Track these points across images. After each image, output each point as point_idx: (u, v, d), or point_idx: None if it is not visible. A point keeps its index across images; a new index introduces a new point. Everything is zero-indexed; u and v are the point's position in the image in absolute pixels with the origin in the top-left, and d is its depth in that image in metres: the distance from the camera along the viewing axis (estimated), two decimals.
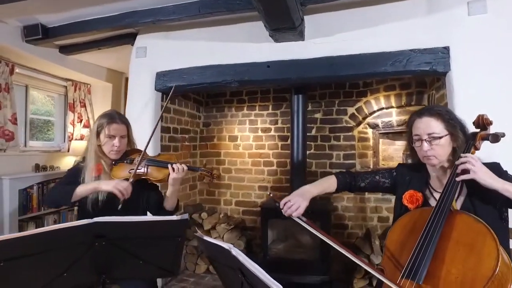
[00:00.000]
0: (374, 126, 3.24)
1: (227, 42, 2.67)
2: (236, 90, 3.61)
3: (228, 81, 2.63)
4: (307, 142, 3.25)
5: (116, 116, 1.76)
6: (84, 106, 4.15)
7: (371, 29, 2.35)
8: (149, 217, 1.38)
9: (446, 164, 1.39)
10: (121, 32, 3.00)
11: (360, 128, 3.28)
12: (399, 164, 1.63)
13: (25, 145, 3.53)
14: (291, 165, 2.95)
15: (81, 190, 1.61)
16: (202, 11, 2.37)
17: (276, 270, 2.83)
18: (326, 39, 2.43)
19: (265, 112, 3.51)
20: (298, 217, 1.39)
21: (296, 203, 1.40)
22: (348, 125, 3.23)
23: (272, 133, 3.46)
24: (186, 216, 1.17)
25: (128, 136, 1.83)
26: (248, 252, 3.23)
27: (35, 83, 3.65)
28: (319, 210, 2.80)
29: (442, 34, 2.20)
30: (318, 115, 3.33)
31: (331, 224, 3.12)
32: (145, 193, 1.80)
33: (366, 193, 3.07)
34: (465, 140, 1.37)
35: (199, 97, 3.65)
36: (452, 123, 1.34)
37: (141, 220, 1.18)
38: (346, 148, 3.22)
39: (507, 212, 1.31)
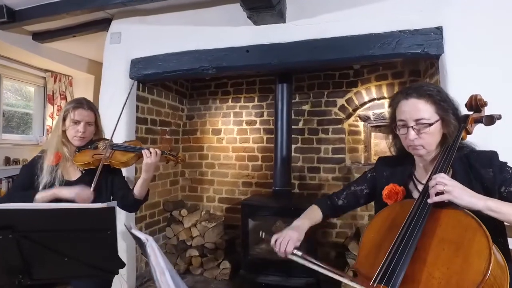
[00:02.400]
0: (365, 119, 3.05)
1: (204, 26, 2.48)
2: (221, 81, 3.44)
3: (205, 68, 2.45)
4: (294, 136, 3.07)
5: (83, 102, 1.71)
6: (65, 98, 3.96)
7: (357, 9, 2.15)
8: (68, 204, 1.19)
9: (434, 153, 1.20)
10: (96, 17, 2.84)
11: (351, 120, 3.08)
12: (379, 158, 1.42)
13: None
14: (274, 159, 2.75)
15: (40, 198, 1.50)
16: None
17: (258, 272, 2.66)
18: (308, 20, 2.24)
19: (250, 104, 3.32)
20: (292, 253, 1.18)
21: (286, 237, 1.21)
22: (338, 117, 3.03)
23: (257, 125, 3.27)
24: (113, 203, 0.98)
25: (96, 124, 1.76)
26: (231, 252, 3.04)
27: (9, 73, 3.47)
28: (305, 207, 2.60)
29: (434, 13, 2.01)
30: (306, 107, 3.13)
31: (319, 223, 2.92)
32: (109, 180, 1.71)
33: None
34: (457, 125, 1.15)
35: (182, 89, 3.47)
36: (444, 106, 1.12)
37: (56, 208, 0.99)
38: (335, 141, 3.02)
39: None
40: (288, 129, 2.74)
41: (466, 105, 1.30)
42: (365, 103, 2.98)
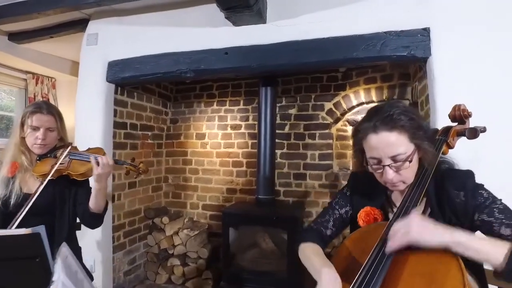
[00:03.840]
0: (354, 123, 2.93)
1: (183, 27, 2.37)
2: (206, 84, 3.32)
3: (183, 71, 2.33)
4: (280, 141, 2.97)
5: (43, 106, 1.55)
6: (48, 101, 3.85)
7: (341, 9, 2.04)
8: None
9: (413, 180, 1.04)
10: (73, 17, 2.72)
11: (339, 125, 2.97)
12: (352, 174, 1.26)
13: None
14: (257, 166, 2.64)
15: None
16: None
17: (240, 284, 2.55)
18: (290, 21, 2.12)
19: (235, 108, 3.20)
20: None
21: None
22: (325, 121, 2.92)
23: (243, 130, 3.15)
24: (39, 229, 0.86)
25: (59, 129, 1.60)
26: (214, 260, 2.92)
27: None
28: (289, 216, 2.49)
29: (422, 13, 1.89)
30: (292, 111, 3.02)
31: None
32: (72, 191, 1.58)
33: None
34: (434, 151, 1.01)
35: (166, 92, 3.35)
36: (418, 133, 0.96)
37: None
38: (322, 147, 2.90)
39: None
40: (272, 135, 2.63)
41: (449, 115, 1.19)
42: (353, 107, 2.86)
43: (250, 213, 2.55)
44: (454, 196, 0.96)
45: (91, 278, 1.72)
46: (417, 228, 0.83)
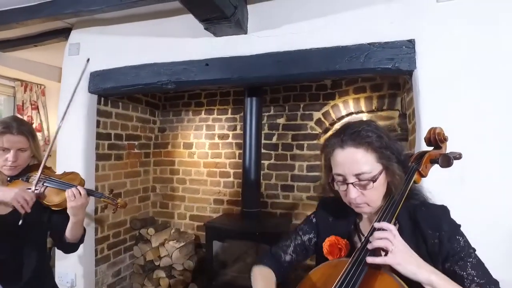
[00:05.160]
0: None
1: (164, 37, 2.31)
2: (195, 92, 3.26)
3: (164, 82, 2.27)
4: (267, 151, 2.90)
5: (13, 125, 1.45)
6: (37, 108, 3.82)
7: (324, 20, 1.96)
8: None
9: (380, 203, 1.01)
10: (56, 26, 2.68)
11: (328, 135, 2.89)
12: (321, 200, 1.20)
13: None
14: (243, 178, 2.57)
15: None
16: (123, 1, 2.00)
17: None
18: (271, 31, 2.05)
19: (223, 117, 3.14)
20: None
21: None
22: (314, 131, 2.85)
23: (230, 140, 3.09)
24: None
25: (32, 148, 1.52)
26: (200, 273, 2.86)
27: None
28: (276, 231, 2.42)
29: (406, 24, 1.81)
30: (281, 120, 2.95)
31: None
32: (45, 217, 1.51)
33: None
34: (403, 175, 0.96)
35: (154, 100, 3.30)
36: (386, 154, 0.92)
37: None
38: (310, 158, 2.83)
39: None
40: (257, 147, 2.57)
41: (424, 139, 1.12)
42: (342, 117, 2.79)
43: (233, 227, 2.49)
44: (429, 237, 0.90)
45: None
46: (404, 255, 0.81)
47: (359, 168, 0.91)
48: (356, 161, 0.91)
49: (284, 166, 2.88)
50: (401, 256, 0.80)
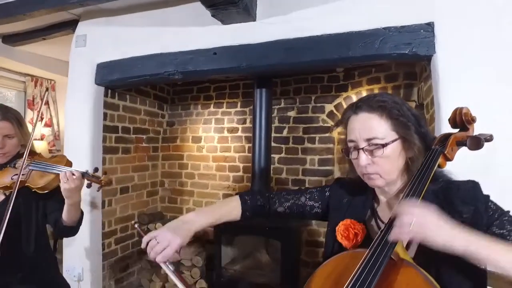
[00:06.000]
0: None
1: (171, 26, 2.25)
2: (204, 85, 3.20)
3: (170, 72, 2.22)
4: (278, 145, 2.82)
5: None
6: (47, 103, 3.83)
7: (336, 4, 1.87)
8: None
9: (399, 183, 0.93)
10: (63, 18, 2.66)
11: (341, 128, 2.78)
12: (337, 179, 1.15)
13: None
14: (252, 172, 2.50)
15: None
16: None
17: None
18: (281, 18, 1.97)
19: (233, 110, 3.07)
20: (165, 263, 0.98)
21: (162, 242, 0.95)
22: (325, 124, 2.75)
23: (239, 133, 3.01)
24: None
25: (19, 136, 1.50)
26: (208, 269, 2.80)
27: None
28: (286, 227, 2.34)
29: (425, 6, 1.71)
30: (291, 113, 2.86)
31: (303, 241, 2.65)
32: (41, 202, 1.49)
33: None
34: (424, 146, 0.89)
35: (163, 94, 3.26)
36: (404, 122, 0.87)
37: None
38: (321, 152, 2.73)
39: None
40: (267, 139, 2.49)
41: (449, 120, 1.02)
42: None
43: (242, 222, 2.40)
44: (462, 211, 0.82)
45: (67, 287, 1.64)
46: (434, 227, 0.71)
47: (371, 133, 0.86)
48: (368, 126, 0.87)
49: (295, 160, 2.79)
50: (429, 227, 0.71)
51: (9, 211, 1.28)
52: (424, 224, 0.71)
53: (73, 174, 1.35)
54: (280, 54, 1.95)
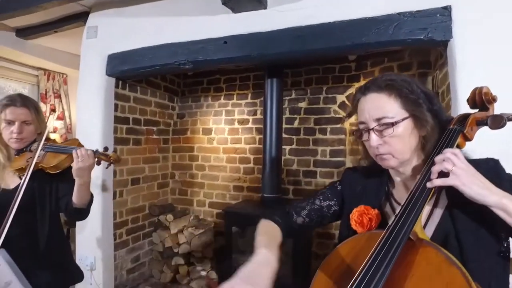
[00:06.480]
0: None
1: (180, 16, 2.24)
2: (214, 77, 3.19)
3: (181, 62, 2.21)
4: (289, 136, 2.80)
5: (17, 99, 1.48)
6: (59, 97, 3.87)
7: None
8: None
9: (414, 163, 0.90)
10: (74, 10, 2.67)
11: (353, 119, 2.73)
12: (347, 169, 1.12)
13: None
14: (263, 163, 2.48)
15: None
16: None
17: None
18: (292, 5, 1.94)
19: (243, 102, 3.06)
20: None
21: None
22: (337, 115, 2.71)
23: (250, 125, 3.00)
24: None
25: (36, 123, 1.53)
26: (219, 262, 2.80)
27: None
28: None
29: None
30: (302, 104, 2.83)
31: (314, 233, 2.63)
32: (53, 185, 1.52)
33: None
34: (437, 124, 0.87)
35: (173, 86, 3.26)
36: (414, 99, 0.85)
37: None
38: (333, 143, 2.70)
39: (509, 242, 0.80)
40: (278, 130, 2.47)
41: (468, 100, 0.98)
42: None
43: (253, 213, 2.40)
44: None
45: (81, 276, 1.65)
46: (469, 177, 0.73)
47: (380, 113, 0.84)
48: (377, 105, 0.85)
49: (306, 151, 2.76)
50: (466, 176, 0.72)
51: (23, 188, 1.31)
52: (462, 171, 0.73)
53: (85, 152, 1.39)
54: (291, 42, 1.92)
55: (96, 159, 1.46)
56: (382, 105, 0.85)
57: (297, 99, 2.85)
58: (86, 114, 2.51)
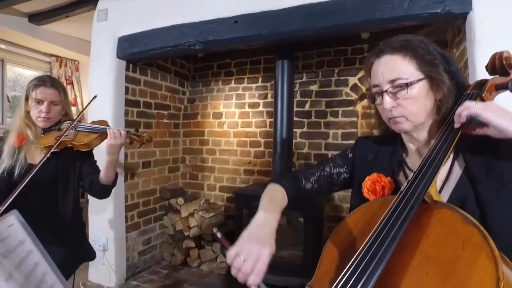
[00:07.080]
0: None
1: None
2: (224, 61, 3.17)
3: (191, 43, 2.20)
4: (300, 119, 2.77)
5: (46, 80, 1.58)
6: (71, 83, 3.91)
7: None
8: None
9: (429, 127, 0.87)
10: None
11: (365, 102, 2.69)
12: (360, 138, 1.10)
13: (2, 123, 3.35)
14: (273, 146, 2.46)
15: None
16: None
17: None
18: None
19: (254, 85, 3.03)
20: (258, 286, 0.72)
21: (249, 259, 0.72)
22: (349, 98, 2.66)
23: (261, 108, 2.97)
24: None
25: (63, 103, 1.62)
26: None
27: (12, 58, 3.44)
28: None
29: None
30: (313, 87, 2.78)
31: (325, 216, 2.61)
32: (77, 164, 1.60)
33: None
34: (454, 87, 0.83)
35: (183, 70, 3.25)
36: (430, 59, 0.81)
37: None
38: (345, 125, 2.65)
39: None
40: (289, 112, 2.43)
41: (486, 67, 0.94)
42: None
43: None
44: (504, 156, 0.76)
45: (93, 254, 1.69)
46: (498, 111, 0.70)
47: (395, 74, 0.81)
48: (391, 67, 0.82)
49: (318, 134, 2.73)
50: (493, 108, 0.70)
51: (44, 159, 1.36)
52: (488, 106, 0.71)
53: (118, 131, 1.47)
54: (302, 19, 1.89)
55: (128, 139, 1.54)
56: (397, 67, 0.82)
57: (308, 82, 2.80)
58: (98, 98, 2.51)
